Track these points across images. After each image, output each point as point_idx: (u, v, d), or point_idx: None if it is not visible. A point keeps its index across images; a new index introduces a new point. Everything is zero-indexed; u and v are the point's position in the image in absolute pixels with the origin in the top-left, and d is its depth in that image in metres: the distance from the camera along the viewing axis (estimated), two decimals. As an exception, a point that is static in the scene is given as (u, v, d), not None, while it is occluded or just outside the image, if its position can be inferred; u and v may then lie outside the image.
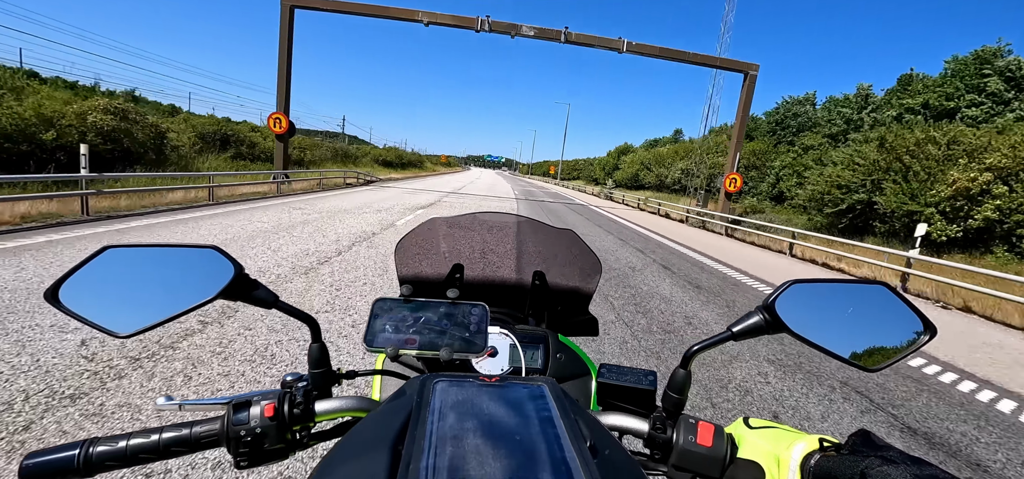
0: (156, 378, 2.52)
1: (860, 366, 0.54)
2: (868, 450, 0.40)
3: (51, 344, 2.76)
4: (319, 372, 0.59)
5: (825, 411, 3.05)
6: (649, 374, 0.61)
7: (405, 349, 0.58)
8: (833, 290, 0.57)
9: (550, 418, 0.36)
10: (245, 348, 2.98)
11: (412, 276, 0.94)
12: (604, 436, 0.38)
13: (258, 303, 0.55)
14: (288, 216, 8.86)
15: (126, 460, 0.48)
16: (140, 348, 2.80)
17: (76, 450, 0.47)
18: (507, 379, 0.44)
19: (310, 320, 0.59)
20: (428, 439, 0.32)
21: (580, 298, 0.95)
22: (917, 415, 3.14)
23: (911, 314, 0.55)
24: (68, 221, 6.71)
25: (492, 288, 0.96)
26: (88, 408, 2.19)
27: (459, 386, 0.41)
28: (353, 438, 0.36)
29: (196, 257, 0.54)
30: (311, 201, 12.12)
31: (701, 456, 0.52)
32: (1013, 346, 5.30)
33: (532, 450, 0.32)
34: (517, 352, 0.72)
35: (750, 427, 0.53)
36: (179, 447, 0.50)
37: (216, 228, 7.15)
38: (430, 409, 0.36)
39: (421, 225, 0.99)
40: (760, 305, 0.55)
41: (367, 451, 0.32)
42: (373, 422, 0.38)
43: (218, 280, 0.52)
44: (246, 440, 0.50)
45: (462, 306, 0.62)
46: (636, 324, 4.35)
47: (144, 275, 0.54)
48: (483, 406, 0.37)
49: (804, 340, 0.54)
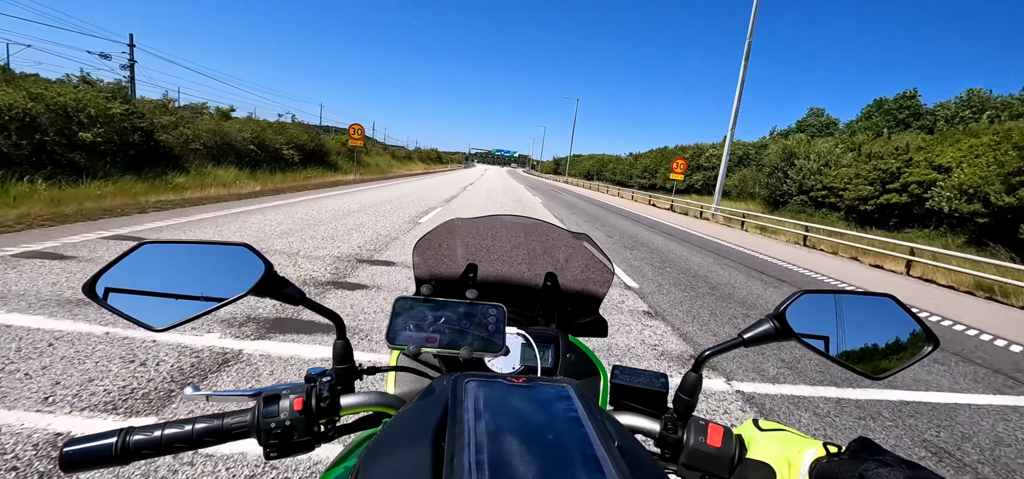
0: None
1: (866, 374, 0.56)
2: (867, 455, 0.42)
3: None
4: (343, 368, 0.61)
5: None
6: (661, 377, 0.63)
7: (427, 347, 0.60)
8: (842, 300, 0.59)
9: (578, 418, 0.38)
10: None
11: (429, 275, 0.96)
12: (627, 436, 0.40)
13: (286, 299, 0.57)
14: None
15: (161, 449, 0.50)
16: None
17: (114, 438, 0.48)
18: (532, 380, 0.46)
19: (335, 317, 0.61)
20: (467, 436, 0.34)
21: (591, 300, 0.97)
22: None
23: (916, 325, 0.57)
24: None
25: (505, 288, 0.98)
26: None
27: (490, 386, 0.43)
28: (392, 432, 0.38)
29: (228, 254, 0.56)
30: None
31: (711, 456, 0.54)
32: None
33: (564, 448, 0.34)
34: (531, 351, 0.74)
35: (760, 429, 0.55)
36: (211, 438, 0.52)
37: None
38: (464, 408, 0.38)
39: (439, 226, 1.01)
40: (771, 313, 0.57)
41: (409, 445, 0.34)
42: (410, 417, 0.40)
43: (249, 277, 0.54)
44: (276, 432, 0.52)
45: (480, 306, 0.64)
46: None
47: (178, 271, 0.56)
48: (514, 405, 0.39)
49: (812, 348, 0.56)
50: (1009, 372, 4.23)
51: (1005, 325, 6.29)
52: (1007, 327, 6.17)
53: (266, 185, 12.82)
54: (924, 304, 7.16)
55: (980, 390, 3.69)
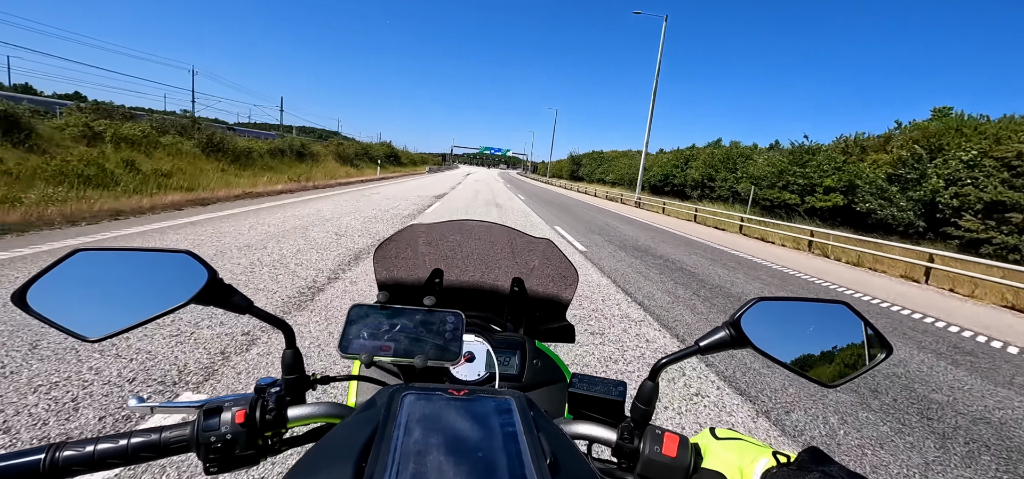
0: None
1: (820, 382, 0.56)
2: (814, 465, 0.42)
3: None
4: (292, 378, 0.59)
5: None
6: (619, 385, 0.62)
7: (380, 356, 0.59)
8: (797, 308, 0.59)
9: (514, 433, 0.37)
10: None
11: (391, 281, 0.95)
12: (568, 451, 0.39)
13: (232, 308, 0.55)
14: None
15: (94, 465, 0.48)
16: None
17: (42, 454, 0.46)
18: (475, 392, 0.45)
19: (284, 325, 0.59)
20: (392, 455, 0.33)
21: (557, 306, 0.96)
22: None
23: (870, 333, 0.57)
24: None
25: (471, 294, 0.96)
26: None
27: (427, 399, 0.41)
28: (320, 450, 0.37)
29: (169, 262, 0.54)
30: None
31: (666, 466, 0.53)
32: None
33: (493, 466, 0.33)
34: (492, 359, 0.73)
35: (716, 437, 0.55)
36: (148, 452, 0.50)
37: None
38: (396, 423, 0.37)
39: (401, 231, 0.99)
40: (726, 321, 0.57)
41: (331, 466, 0.33)
42: (340, 434, 0.39)
43: (191, 285, 0.52)
44: (216, 446, 0.50)
45: (438, 313, 0.63)
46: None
47: (116, 279, 0.53)
48: (449, 420, 0.38)
49: (767, 356, 0.56)
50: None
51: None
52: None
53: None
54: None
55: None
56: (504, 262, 0.99)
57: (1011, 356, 4.88)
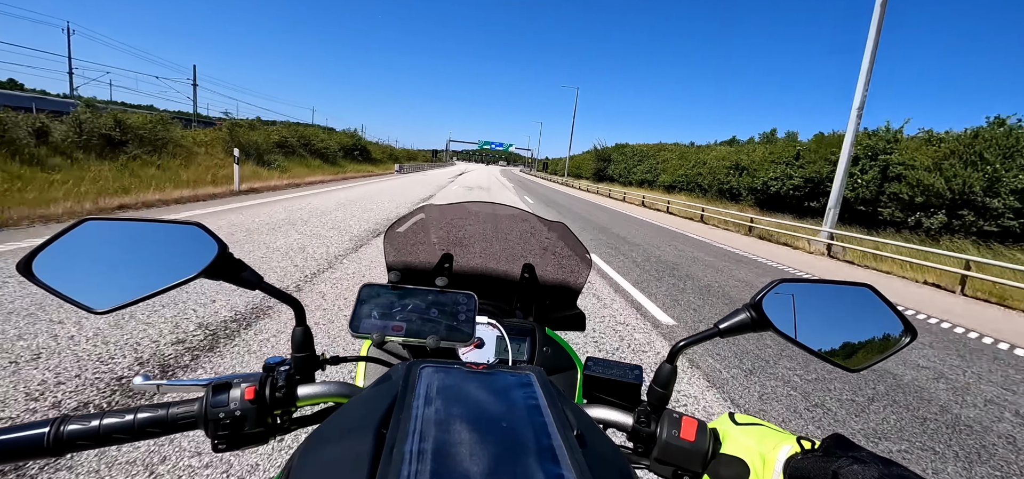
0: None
1: (842, 365, 0.54)
2: (841, 451, 0.41)
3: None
4: (302, 356, 0.58)
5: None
6: (635, 368, 0.61)
7: (391, 336, 0.58)
8: (819, 290, 0.57)
9: (537, 406, 0.36)
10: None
11: (401, 264, 0.93)
12: (591, 426, 0.38)
13: (242, 284, 0.54)
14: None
15: (99, 440, 0.47)
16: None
17: (46, 428, 0.45)
18: (494, 367, 0.44)
19: (294, 302, 0.58)
20: (413, 423, 0.31)
21: (569, 293, 0.95)
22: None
23: (894, 316, 0.56)
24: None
25: (481, 279, 0.95)
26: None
27: (446, 372, 0.40)
28: (337, 420, 0.36)
29: (179, 234, 0.53)
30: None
31: (684, 450, 0.52)
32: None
33: (519, 437, 0.31)
34: (504, 343, 0.72)
35: (736, 423, 0.53)
36: (154, 428, 0.49)
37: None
38: (416, 394, 0.36)
39: (412, 213, 0.98)
40: (747, 303, 0.55)
41: (351, 433, 0.32)
42: (358, 405, 0.38)
43: (201, 258, 0.51)
44: (225, 423, 0.49)
45: (450, 294, 0.61)
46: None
47: (124, 251, 0.52)
48: (469, 393, 0.37)
49: (789, 339, 0.54)
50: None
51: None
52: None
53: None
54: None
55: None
56: (515, 246, 0.98)
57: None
